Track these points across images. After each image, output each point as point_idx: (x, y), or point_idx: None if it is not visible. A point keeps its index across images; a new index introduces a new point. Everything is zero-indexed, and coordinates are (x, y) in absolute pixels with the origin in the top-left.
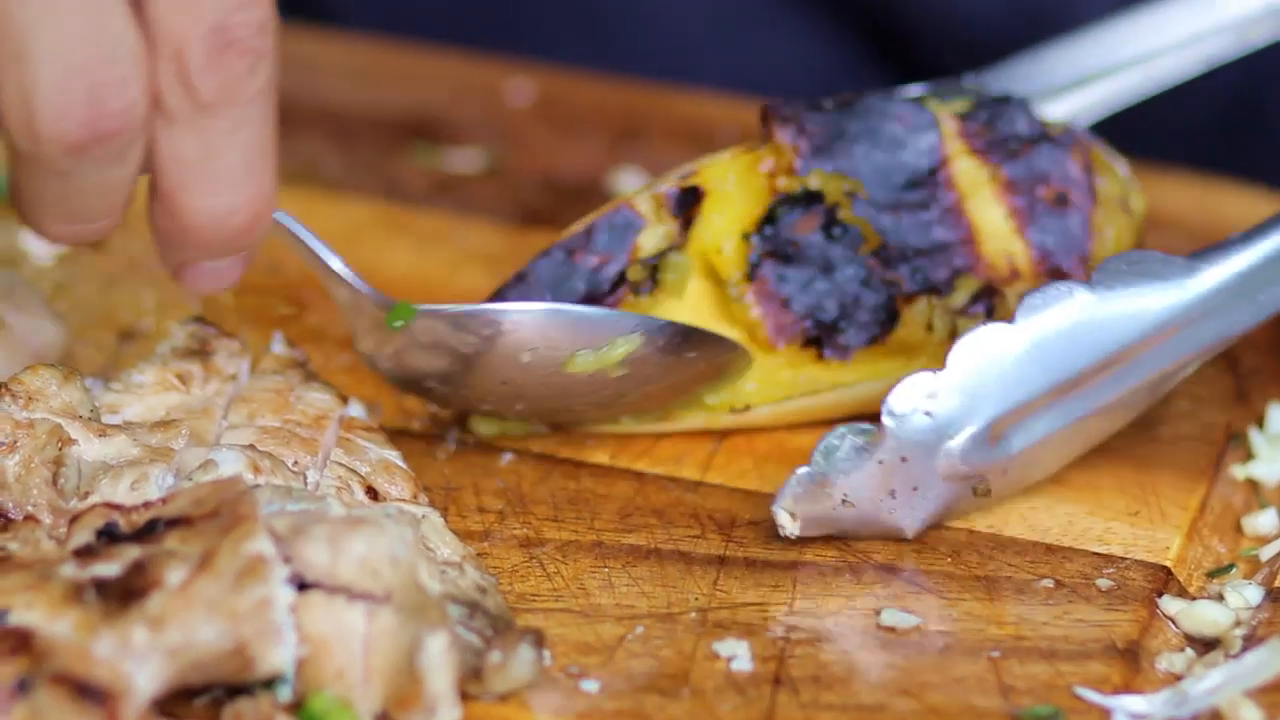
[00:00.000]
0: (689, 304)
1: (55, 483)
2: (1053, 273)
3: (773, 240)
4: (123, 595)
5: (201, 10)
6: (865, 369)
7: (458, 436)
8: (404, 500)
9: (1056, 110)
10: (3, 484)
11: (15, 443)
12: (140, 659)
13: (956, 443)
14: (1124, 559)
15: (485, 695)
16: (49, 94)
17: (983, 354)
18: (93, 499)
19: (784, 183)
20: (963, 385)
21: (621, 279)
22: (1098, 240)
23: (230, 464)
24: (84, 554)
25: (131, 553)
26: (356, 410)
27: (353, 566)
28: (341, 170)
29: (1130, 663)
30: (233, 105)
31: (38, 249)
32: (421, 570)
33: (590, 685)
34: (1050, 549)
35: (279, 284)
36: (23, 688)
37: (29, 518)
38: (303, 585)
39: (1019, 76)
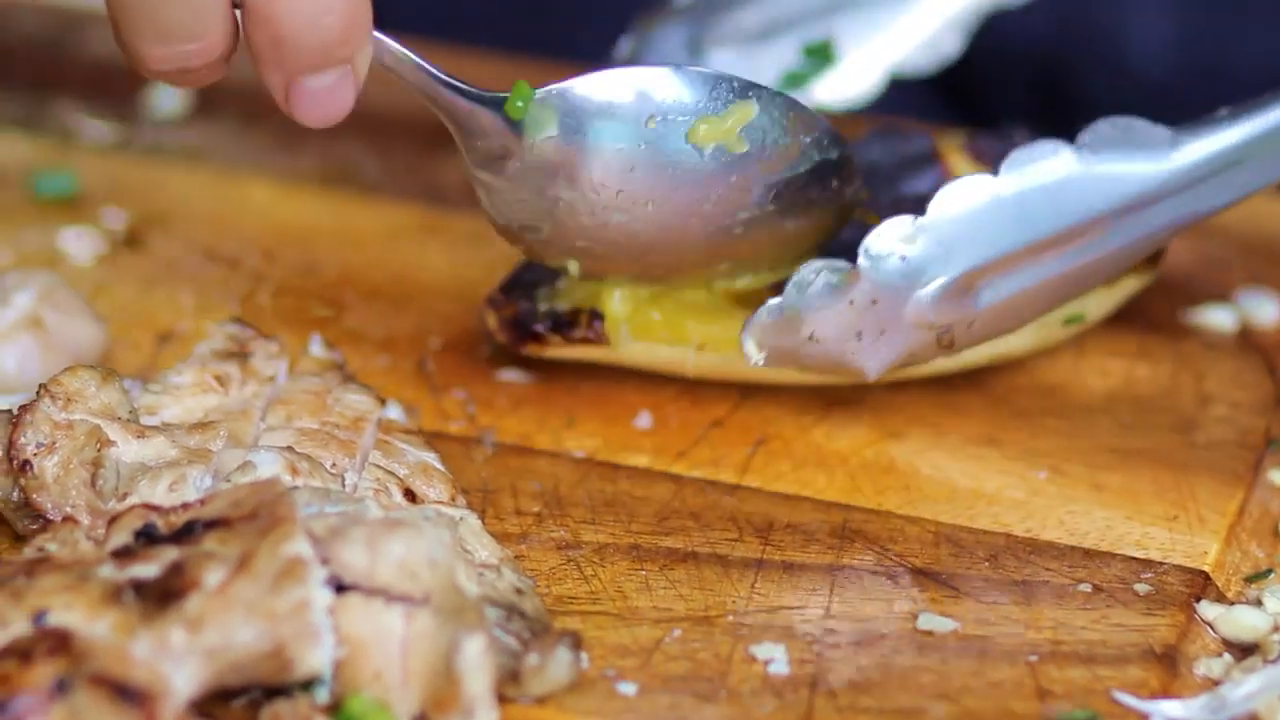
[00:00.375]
0: None
1: (94, 484)
2: None
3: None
4: (161, 596)
5: None
6: None
7: (494, 440)
8: (442, 502)
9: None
10: (42, 485)
11: (54, 444)
12: (178, 660)
13: (927, 291)
14: (1162, 564)
15: (522, 698)
16: None
17: (963, 204)
18: (131, 500)
19: None
20: (940, 233)
21: None
22: None
23: (268, 465)
24: (122, 555)
25: (170, 554)
26: (394, 412)
27: (391, 568)
28: (380, 173)
29: (1168, 667)
30: None
31: (76, 250)
32: (459, 572)
33: (627, 688)
34: (1088, 553)
35: (316, 285)
36: (61, 688)
37: (67, 518)
38: (340, 587)
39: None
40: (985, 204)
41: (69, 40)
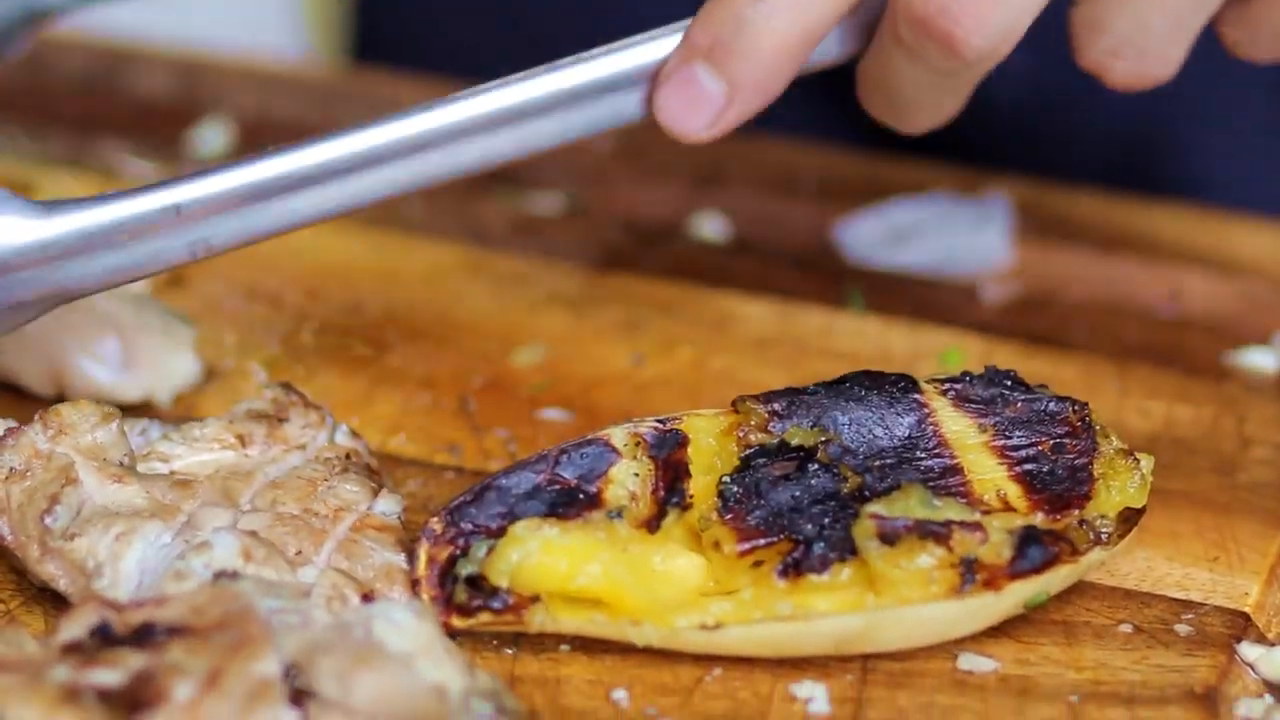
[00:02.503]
0: (660, 536)
1: (43, 519)
2: (1051, 502)
3: (744, 480)
4: (128, 705)
5: None
6: (840, 600)
7: None
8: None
9: None
10: (6, 508)
11: (28, 471)
12: None
13: None
14: (1203, 605)
15: None
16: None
17: None
18: (79, 541)
19: (759, 437)
20: None
21: (594, 501)
22: (1101, 484)
23: (225, 548)
24: (76, 652)
25: (134, 660)
26: (386, 505)
27: (366, 699)
28: (423, 213)
29: (1209, 708)
30: None
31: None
32: (447, 696)
33: None
34: (1129, 594)
35: (359, 324)
36: None
37: (13, 620)
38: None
39: None
40: None
41: (114, 79)
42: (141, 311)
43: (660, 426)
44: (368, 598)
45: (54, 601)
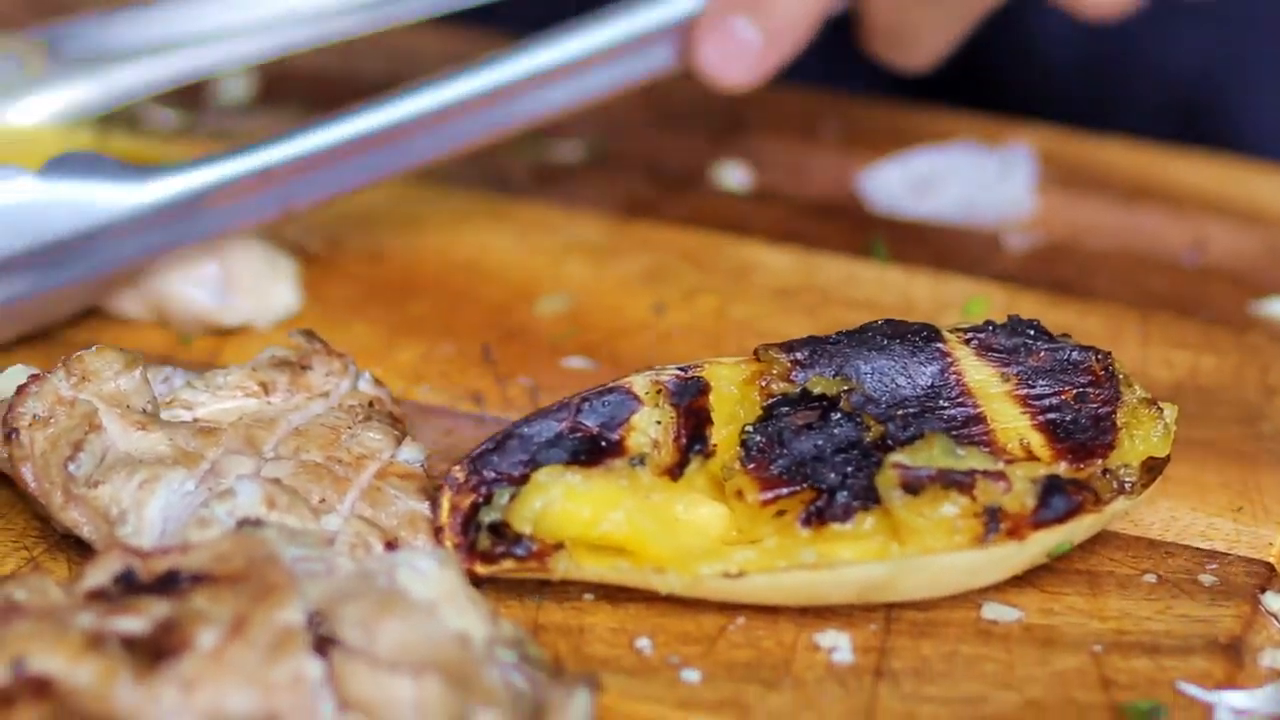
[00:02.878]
0: (682, 484)
1: (66, 466)
2: (1074, 451)
3: (767, 430)
4: (152, 653)
5: None
6: (864, 549)
7: None
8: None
9: (128, 75)
10: (27, 456)
11: (51, 418)
12: (170, 715)
13: None
14: (1227, 555)
15: None
16: None
17: None
18: (102, 489)
19: (781, 386)
20: None
21: (616, 449)
22: (1124, 434)
23: (248, 495)
24: (101, 599)
25: (158, 608)
26: (409, 454)
27: (391, 646)
28: (447, 161)
29: (1233, 658)
30: None
31: None
32: (470, 644)
33: (691, 675)
34: (1152, 544)
35: (382, 272)
36: None
37: (39, 566)
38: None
39: (92, 34)
40: None
41: None
42: (244, 242)
43: (682, 374)
44: (391, 545)
45: (78, 548)
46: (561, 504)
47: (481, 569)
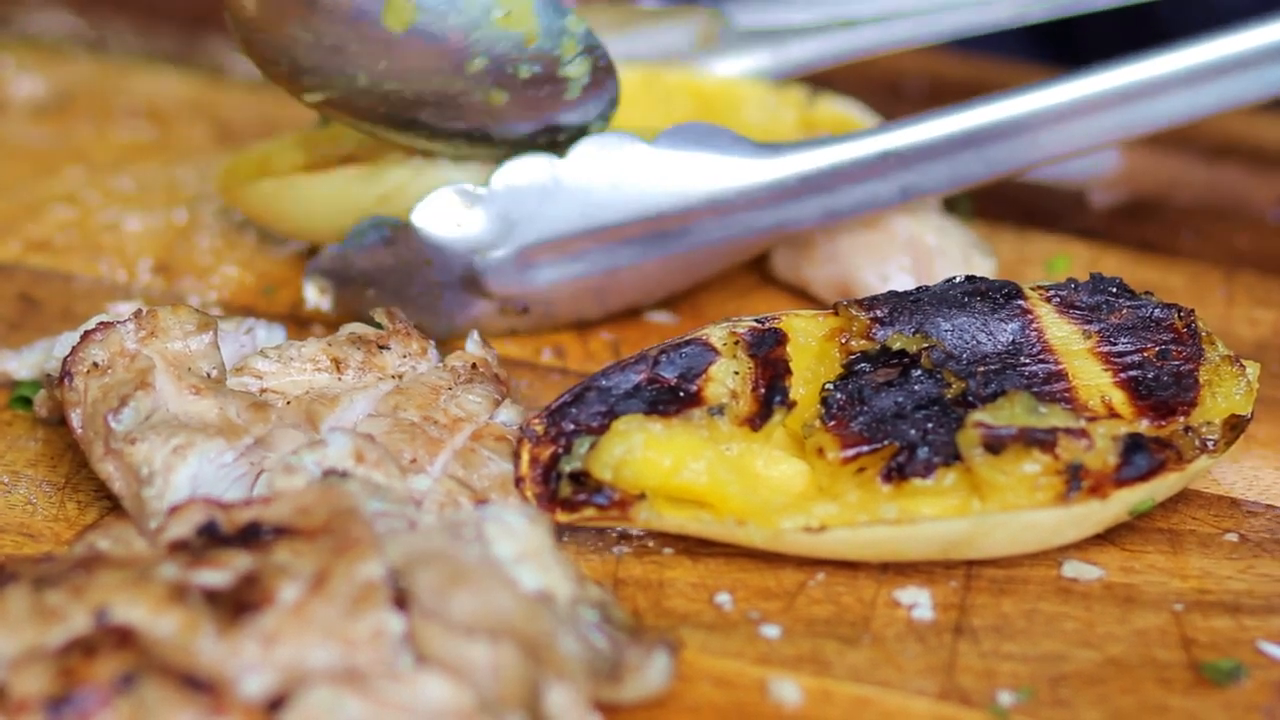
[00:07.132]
0: (761, 434)
1: (108, 418)
2: (1156, 409)
3: (847, 387)
4: (235, 607)
5: None
6: (945, 505)
7: None
8: None
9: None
10: (79, 401)
11: (109, 368)
12: (251, 668)
13: (483, 259)
14: None
15: (620, 697)
16: None
17: (526, 180)
18: (139, 446)
19: (861, 344)
20: (499, 205)
21: (694, 399)
22: (1206, 391)
23: (339, 447)
24: (183, 551)
25: (240, 561)
26: (506, 415)
27: (465, 614)
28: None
29: None
30: None
31: None
32: (553, 603)
33: (771, 630)
34: (1235, 503)
35: None
36: (127, 682)
37: (121, 514)
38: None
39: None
40: (546, 184)
41: None
42: (943, 234)
43: (759, 325)
44: (481, 504)
45: None
46: (642, 452)
47: (563, 516)
